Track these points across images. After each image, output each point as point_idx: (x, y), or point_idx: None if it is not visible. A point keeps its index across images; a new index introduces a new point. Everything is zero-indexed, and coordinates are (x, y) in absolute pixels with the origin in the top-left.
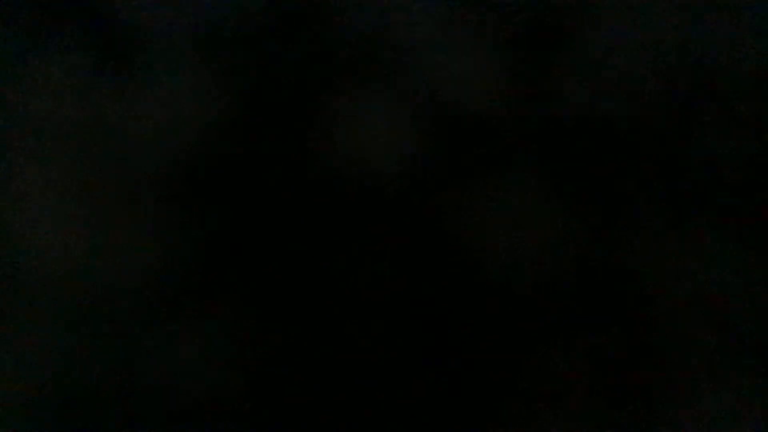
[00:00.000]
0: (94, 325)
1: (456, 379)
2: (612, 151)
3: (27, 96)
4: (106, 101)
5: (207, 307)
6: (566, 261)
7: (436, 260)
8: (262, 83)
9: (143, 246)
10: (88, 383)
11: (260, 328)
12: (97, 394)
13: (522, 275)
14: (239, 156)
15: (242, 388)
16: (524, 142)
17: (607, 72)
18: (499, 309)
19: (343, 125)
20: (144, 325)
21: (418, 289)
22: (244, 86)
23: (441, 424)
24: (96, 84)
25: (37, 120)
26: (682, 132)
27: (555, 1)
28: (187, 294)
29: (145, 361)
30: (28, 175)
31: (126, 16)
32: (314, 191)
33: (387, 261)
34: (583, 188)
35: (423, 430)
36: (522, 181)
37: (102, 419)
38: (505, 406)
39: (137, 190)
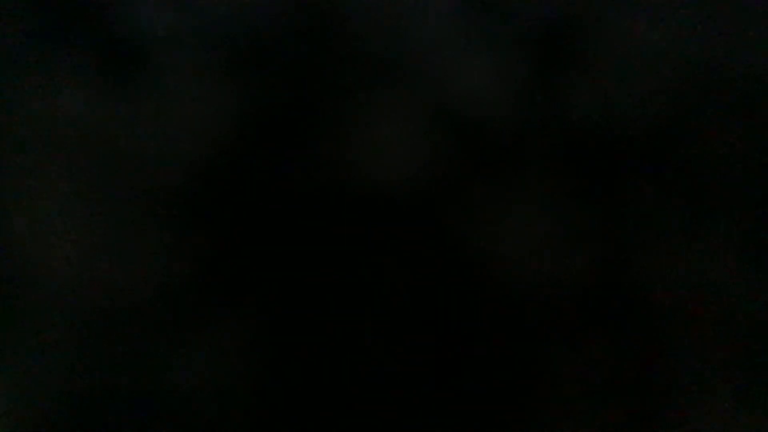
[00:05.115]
0: (104, 332)
1: (464, 383)
2: (623, 157)
3: (33, 101)
4: (114, 107)
5: (217, 314)
6: (575, 266)
7: (445, 266)
8: (273, 89)
9: (153, 253)
10: (98, 391)
11: (272, 336)
12: (106, 402)
13: (531, 280)
14: (250, 162)
15: (254, 396)
16: (536, 147)
17: (619, 78)
18: (509, 314)
19: (354, 132)
20: (154, 332)
21: (428, 297)
22: (254, 93)
23: (451, 429)
24: (104, 89)
25: (45, 127)
26: (694, 138)
27: (567, 8)
28: (198, 301)
29: (156, 370)
30: (37, 182)
31: (133, 21)
32: (325, 198)
33: (396, 267)
34: (593, 194)
35: None
36: (533, 187)
37: (111, 427)
38: (511, 410)
39: (146, 197)
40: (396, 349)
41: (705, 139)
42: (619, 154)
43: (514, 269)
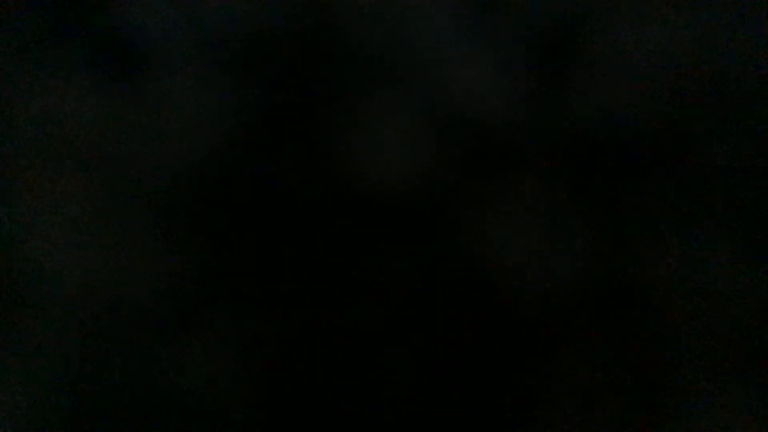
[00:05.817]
0: (105, 333)
1: (464, 383)
2: (624, 158)
3: (34, 102)
4: (115, 107)
5: (219, 319)
6: (576, 265)
7: (448, 270)
8: (274, 89)
9: (155, 257)
10: (99, 395)
11: (273, 340)
12: (108, 406)
13: (531, 283)
14: (252, 166)
15: (254, 400)
16: (537, 151)
17: (619, 81)
18: (509, 316)
19: (356, 135)
20: (155, 337)
21: (429, 297)
22: (255, 93)
23: (452, 429)
24: (105, 90)
25: (46, 133)
26: (694, 138)
27: (568, 10)
28: (199, 302)
29: (157, 374)
30: (37, 183)
31: (136, 27)
32: (327, 201)
33: (399, 270)
34: (594, 197)
35: None
36: (534, 190)
37: (111, 427)
38: (511, 410)
39: (148, 197)
40: (397, 349)
41: (705, 139)
42: (620, 154)
43: (514, 269)
